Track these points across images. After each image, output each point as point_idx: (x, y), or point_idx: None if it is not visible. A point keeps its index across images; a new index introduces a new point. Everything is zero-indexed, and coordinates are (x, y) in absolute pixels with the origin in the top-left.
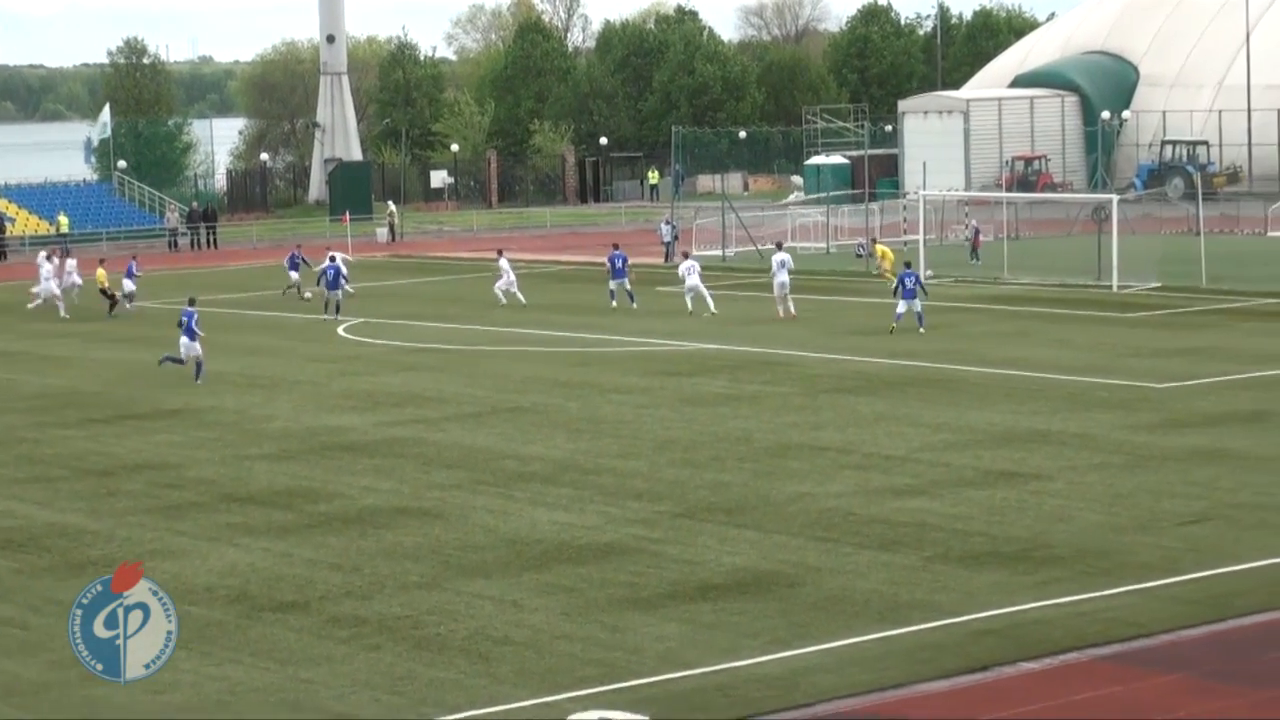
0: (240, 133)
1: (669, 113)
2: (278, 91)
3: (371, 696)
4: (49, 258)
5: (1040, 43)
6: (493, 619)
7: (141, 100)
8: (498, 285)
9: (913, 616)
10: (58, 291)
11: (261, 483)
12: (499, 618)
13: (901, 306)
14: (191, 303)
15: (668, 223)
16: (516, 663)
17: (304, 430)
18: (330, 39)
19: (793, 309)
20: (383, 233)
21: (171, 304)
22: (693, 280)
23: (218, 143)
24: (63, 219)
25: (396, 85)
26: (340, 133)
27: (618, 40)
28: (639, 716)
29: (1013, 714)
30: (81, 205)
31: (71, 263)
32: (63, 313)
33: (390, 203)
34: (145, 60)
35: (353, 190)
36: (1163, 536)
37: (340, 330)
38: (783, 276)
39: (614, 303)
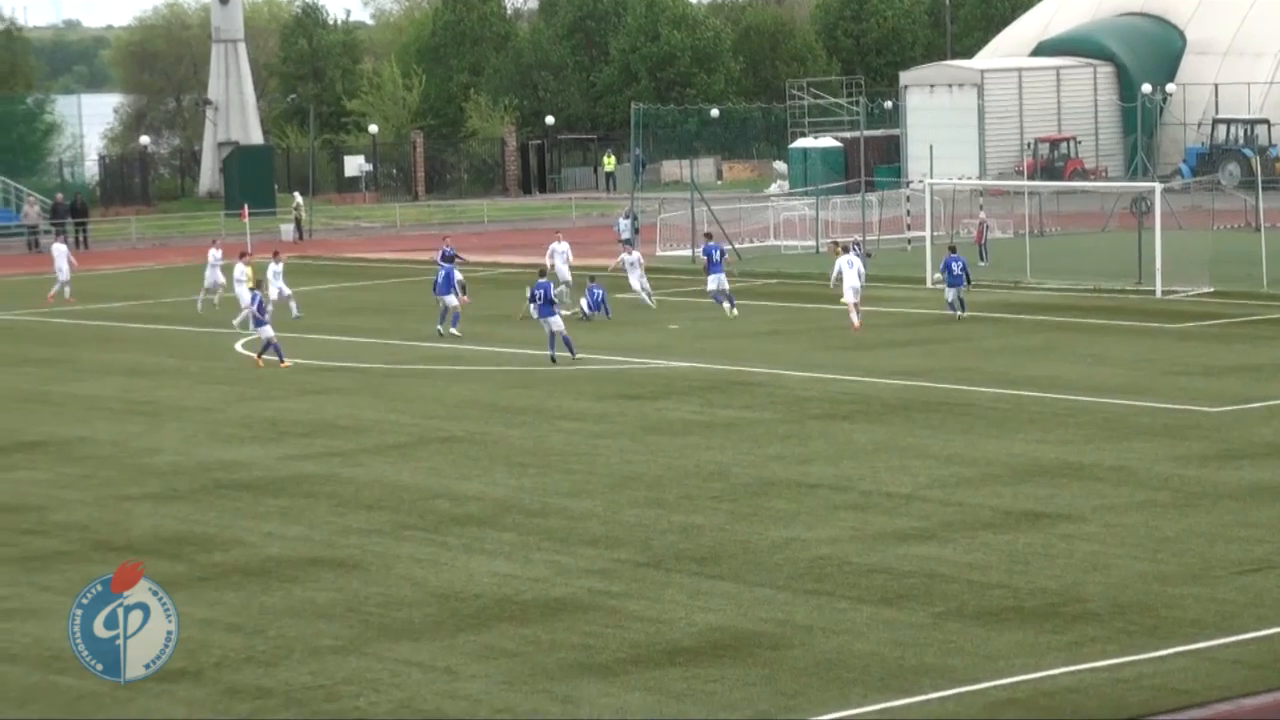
0: (115, 111)
1: (628, 87)
2: (160, 62)
3: None
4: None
5: (1068, 3)
6: (422, 688)
7: None
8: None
9: (921, 684)
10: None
11: (144, 528)
12: (429, 687)
13: (950, 294)
14: None
15: (626, 216)
16: None
17: (195, 465)
18: (223, 0)
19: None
20: (288, 229)
21: (30, 316)
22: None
23: (88, 123)
24: None
25: (302, 55)
26: (236, 111)
27: (566, 2)
28: None
29: None
30: None
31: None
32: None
33: (297, 194)
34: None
35: (252, 180)
36: (1217, 588)
37: (237, 346)
38: (854, 280)
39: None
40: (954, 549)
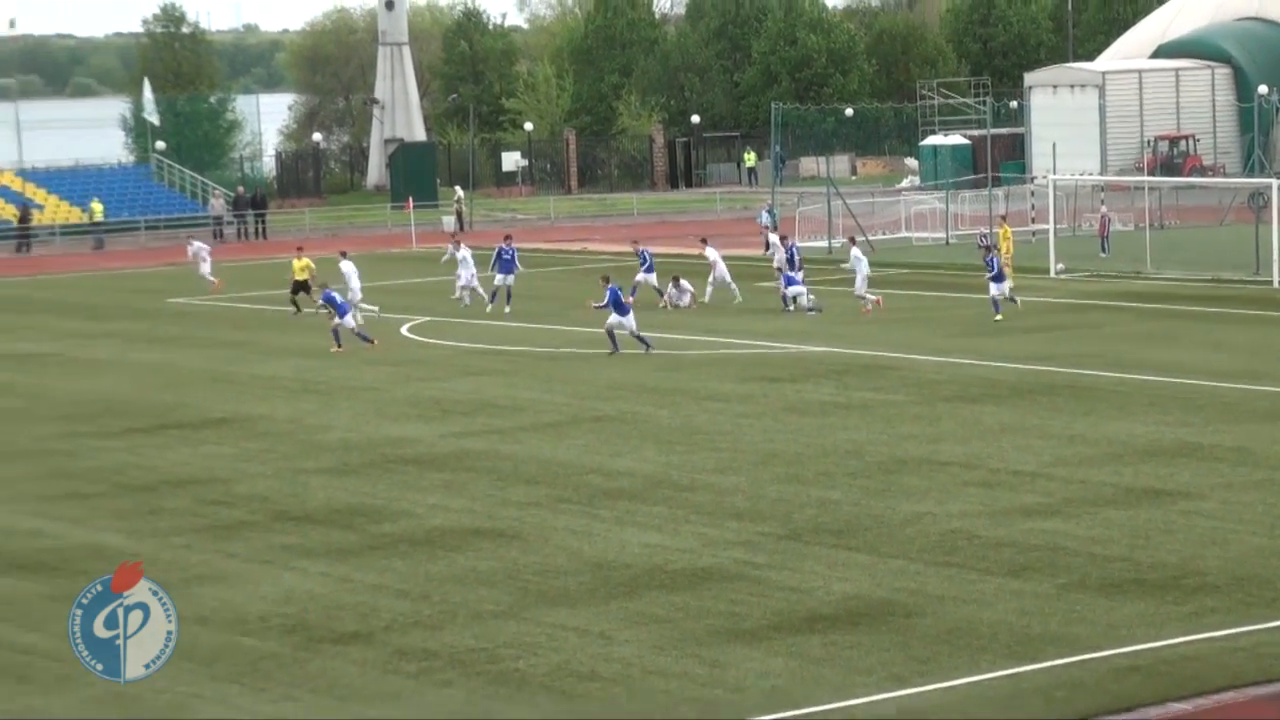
0: (290, 110)
1: (768, 88)
2: (331, 64)
3: None
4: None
5: (1186, 8)
6: (577, 652)
7: (181, 74)
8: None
9: (1046, 651)
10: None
11: (319, 500)
12: (584, 651)
13: (994, 290)
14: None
15: (768, 210)
16: (604, 701)
17: (365, 441)
18: (389, 5)
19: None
20: (449, 221)
21: (220, 302)
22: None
23: (265, 121)
24: (96, 206)
25: (463, 57)
26: (401, 110)
27: (711, 7)
28: None
29: None
30: (117, 191)
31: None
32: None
33: (457, 188)
34: (184, 29)
35: (416, 174)
36: None
37: (404, 330)
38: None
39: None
40: (1077, 524)
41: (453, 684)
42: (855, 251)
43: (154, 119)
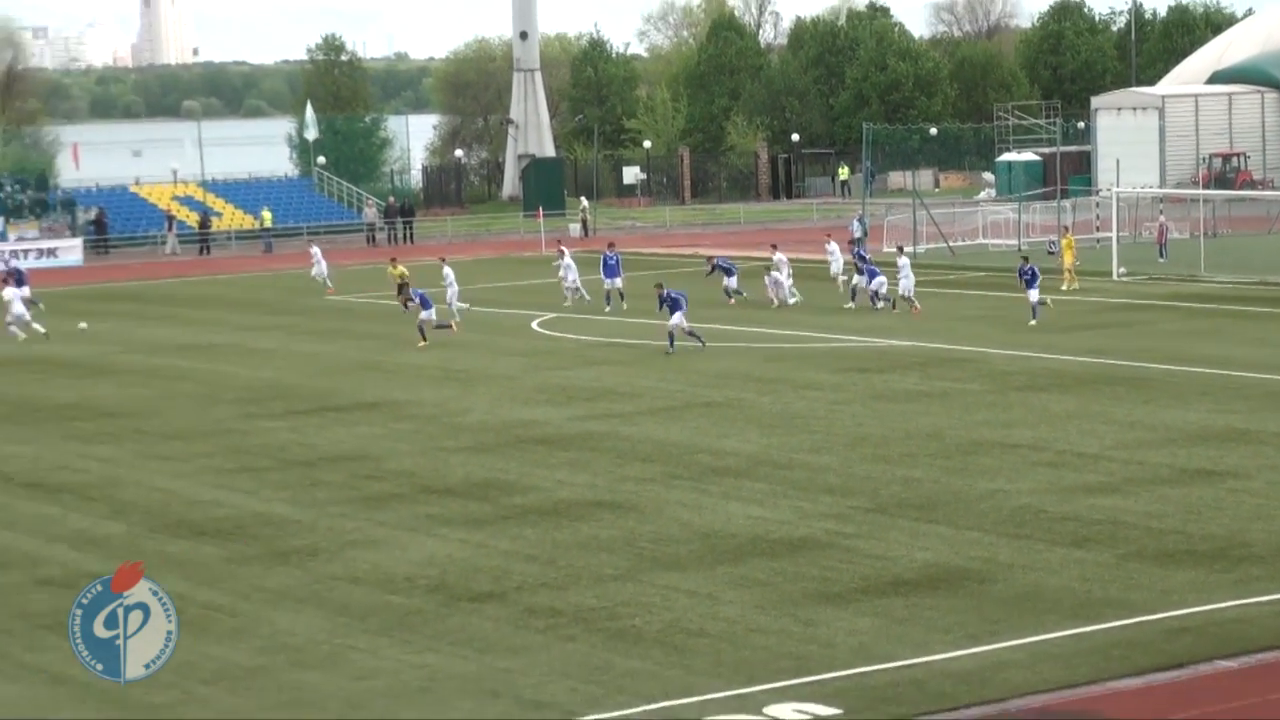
0: (435, 129)
1: (861, 109)
2: (471, 88)
3: (568, 686)
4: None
5: (1239, 39)
6: (688, 611)
7: (339, 97)
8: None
9: (1106, 614)
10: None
11: (459, 475)
12: (694, 610)
13: (1033, 295)
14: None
15: (859, 219)
16: (711, 655)
17: (500, 423)
18: (523, 36)
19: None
20: (575, 228)
21: (371, 298)
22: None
23: (413, 139)
24: (266, 214)
25: (589, 82)
26: (533, 129)
27: (809, 37)
28: (832, 710)
29: (1208, 713)
30: (283, 200)
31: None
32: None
33: (583, 199)
34: (343, 57)
35: (546, 186)
36: None
37: (534, 325)
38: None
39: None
40: (1135, 500)
41: (576, 639)
42: (901, 260)
43: (312, 135)
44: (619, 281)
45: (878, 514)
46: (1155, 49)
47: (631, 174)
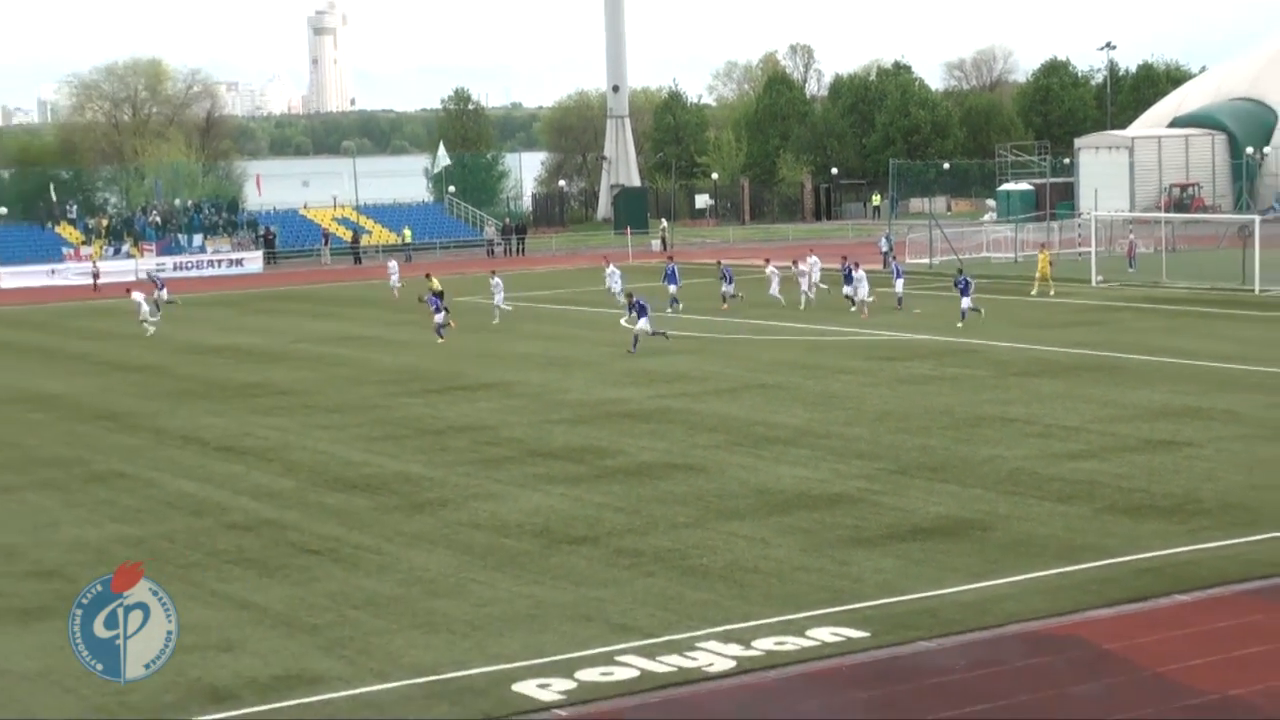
0: (542, 164)
1: (887, 148)
2: (573, 131)
3: (648, 613)
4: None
5: (1194, 91)
6: (745, 553)
7: (466, 138)
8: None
9: (1085, 556)
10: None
11: (560, 442)
12: (750, 552)
13: (965, 302)
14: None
15: (886, 237)
16: (764, 588)
17: (593, 400)
18: (615, 89)
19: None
20: (656, 244)
21: (489, 300)
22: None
23: (525, 171)
24: (407, 232)
25: (668, 126)
26: (623, 164)
27: (846, 89)
28: (862, 633)
29: (1167, 635)
30: (420, 221)
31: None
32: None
33: (663, 220)
34: (469, 106)
35: (632, 210)
36: None
37: (622, 322)
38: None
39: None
40: (1109, 464)
41: (654, 574)
42: (858, 273)
43: (442, 167)
44: (672, 288)
45: (900, 475)
46: (1127, 99)
47: (702, 200)
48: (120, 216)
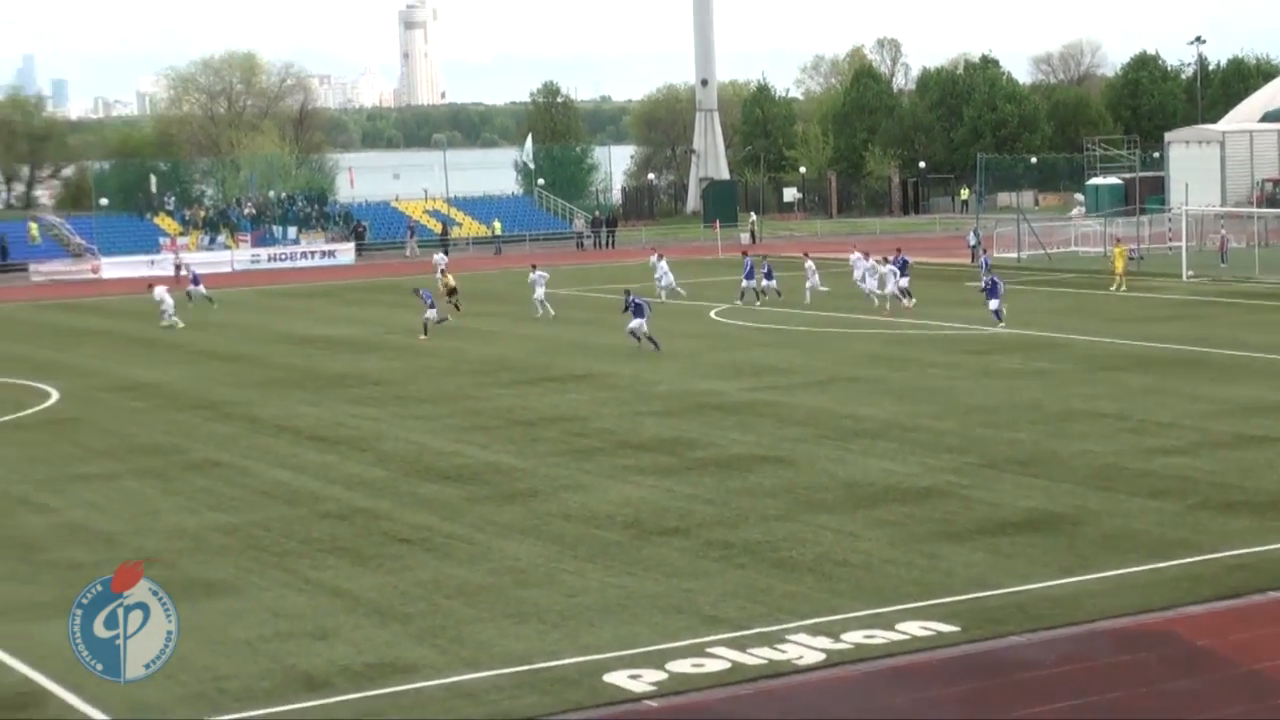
0: (631, 157)
1: (975, 142)
2: (662, 124)
3: (738, 605)
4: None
5: None
6: (833, 545)
7: (555, 131)
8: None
9: (1177, 552)
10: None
11: (650, 433)
12: (838, 544)
13: (994, 304)
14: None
15: (973, 231)
16: (852, 581)
17: (683, 392)
18: (704, 82)
19: None
20: (745, 237)
21: (578, 291)
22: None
23: (614, 164)
24: (497, 224)
25: (757, 119)
26: (711, 157)
27: (933, 83)
28: (952, 627)
29: (1261, 633)
30: (510, 213)
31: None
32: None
33: (751, 213)
34: (559, 99)
35: (721, 203)
36: None
37: (711, 314)
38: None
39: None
40: (1201, 460)
41: (745, 566)
42: (886, 267)
43: (530, 163)
44: (752, 283)
45: (988, 469)
46: (1217, 94)
47: (790, 193)
48: (216, 208)
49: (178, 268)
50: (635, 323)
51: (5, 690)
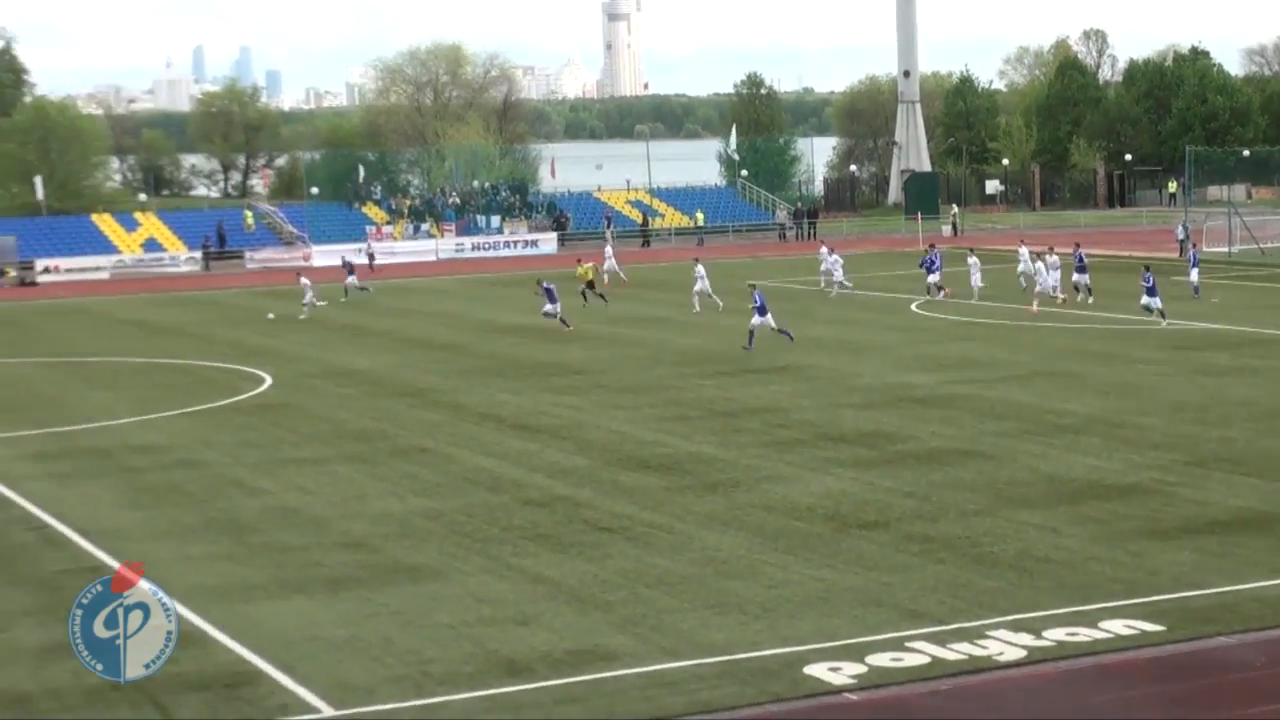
0: (833, 149)
1: (1184, 134)
2: (864, 116)
3: (937, 599)
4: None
5: None
6: (1035, 541)
7: (759, 122)
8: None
9: None
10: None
11: (849, 426)
12: (1040, 541)
13: (1148, 301)
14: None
15: (1182, 224)
16: (1054, 578)
17: (883, 386)
18: (906, 74)
19: None
20: (946, 229)
21: (780, 283)
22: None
23: (817, 156)
24: (699, 215)
25: (959, 111)
26: (913, 149)
27: (1141, 75)
28: (1158, 626)
29: None
30: (713, 205)
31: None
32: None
33: (953, 205)
34: (762, 91)
35: (923, 195)
36: None
37: (913, 307)
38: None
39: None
40: None
41: (945, 561)
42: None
43: (734, 154)
44: (936, 277)
45: (1196, 467)
46: None
47: (992, 186)
48: (421, 197)
49: (371, 257)
50: (760, 319)
51: (221, 669)
